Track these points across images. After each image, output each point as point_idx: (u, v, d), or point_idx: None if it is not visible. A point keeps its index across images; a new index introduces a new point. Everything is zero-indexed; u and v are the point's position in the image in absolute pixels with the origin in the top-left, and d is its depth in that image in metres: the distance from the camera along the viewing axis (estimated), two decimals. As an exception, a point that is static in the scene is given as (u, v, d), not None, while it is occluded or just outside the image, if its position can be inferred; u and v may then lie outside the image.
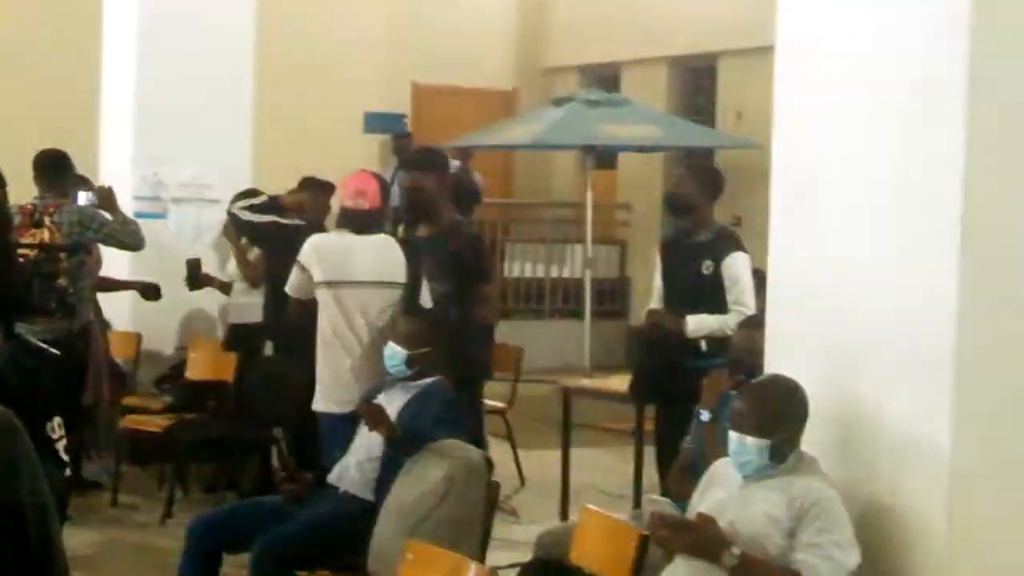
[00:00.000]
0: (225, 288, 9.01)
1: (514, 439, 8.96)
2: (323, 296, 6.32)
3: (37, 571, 1.62)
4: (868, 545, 4.25)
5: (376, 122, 15.42)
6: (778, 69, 4.88)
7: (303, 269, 6.37)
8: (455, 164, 11.76)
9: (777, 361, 4.76)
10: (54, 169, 7.89)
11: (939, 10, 4.22)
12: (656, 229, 14.38)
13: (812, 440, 4.44)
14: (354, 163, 11.29)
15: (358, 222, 6.39)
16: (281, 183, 8.80)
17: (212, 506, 7.33)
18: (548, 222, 15.55)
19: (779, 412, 4.35)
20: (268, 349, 8.27)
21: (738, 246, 6.89)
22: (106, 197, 8.06)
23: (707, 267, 6.79)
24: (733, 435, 4.39)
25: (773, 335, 4.89)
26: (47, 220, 7.54)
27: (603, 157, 14.72)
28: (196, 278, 8.90)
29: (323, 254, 6.37)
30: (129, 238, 8.06)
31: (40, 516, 1.63)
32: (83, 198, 8.19)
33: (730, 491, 4.43)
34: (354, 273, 6.30)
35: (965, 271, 4.13)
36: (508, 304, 14.30)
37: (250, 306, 8.58)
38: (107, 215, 8.03)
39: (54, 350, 7.36)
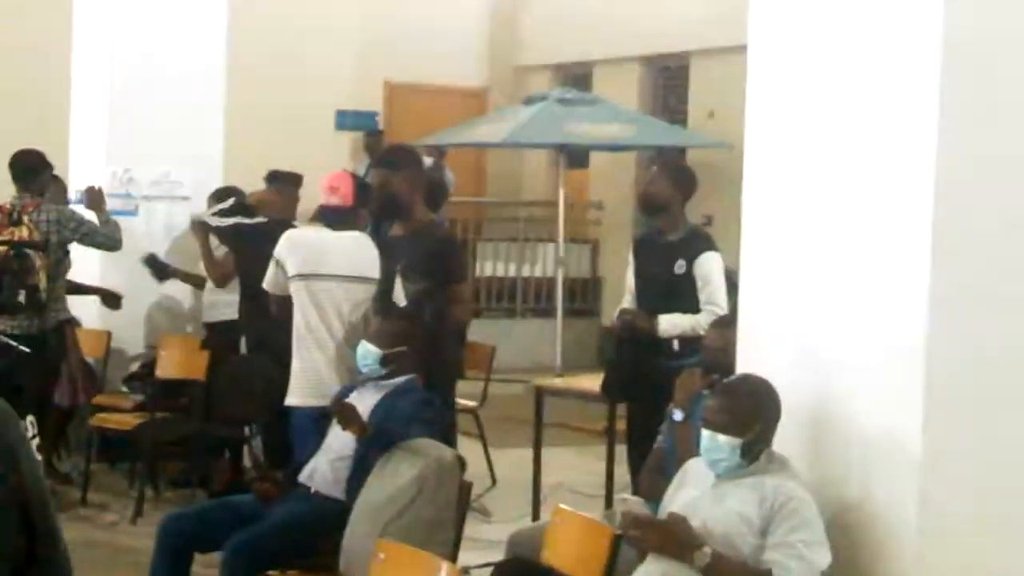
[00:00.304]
0: (190, 279, 8.99)
1: (485, 438, 8.95)
2: (297, 290, 6.30)
3: (42, 553, 1.62)
4: (839, 545, 4.26)
5: (348, 120, 15.40)
6: (750, 69, 4.89)
7: (278, 264, 6.35)
8: (428, 161, 11.76)
9: (749, 361, 4.77)
10: (31, 170, 7.97)
11: (912, 9, 4.23)
12: (628, 228, 14.39)
13: (784, 439, 4.45)
14: (326, 161, 11.30)
15: (331, 218, 6.38)
16: (252, 181, 8.80)
17: (183, 505, 7.31)
18: (520, 221, 15.55)
19: (751, 411, 4.37)
20: (244, 346, 8.25)
21: (711, 246, 6.90)
22: (95, 197, 8.20)
23: (680, 266, 6.79)
24: (705, 433, 4.40)
25: (745, 335, 4.90)
26: (26, 219, 7.57)
27: (575, 156, 14.73)
28: (162, 270, 8.88)
29: (297, 248, 6.36)
30: (106, 239, 8.14)
31: (42, 499, 1.63)
32: (75, 196, 8.30)
33: (702, 490, 4.44)
34: (328, 267, 6.29)
35: (937, 272, 4.15)
36: (480, 303, 14.29)
37: (223, 304, 8.56)
38: (85, 215, 8.10)
39: (24, 348, 7.34)
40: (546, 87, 15.35)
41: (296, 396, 6.33)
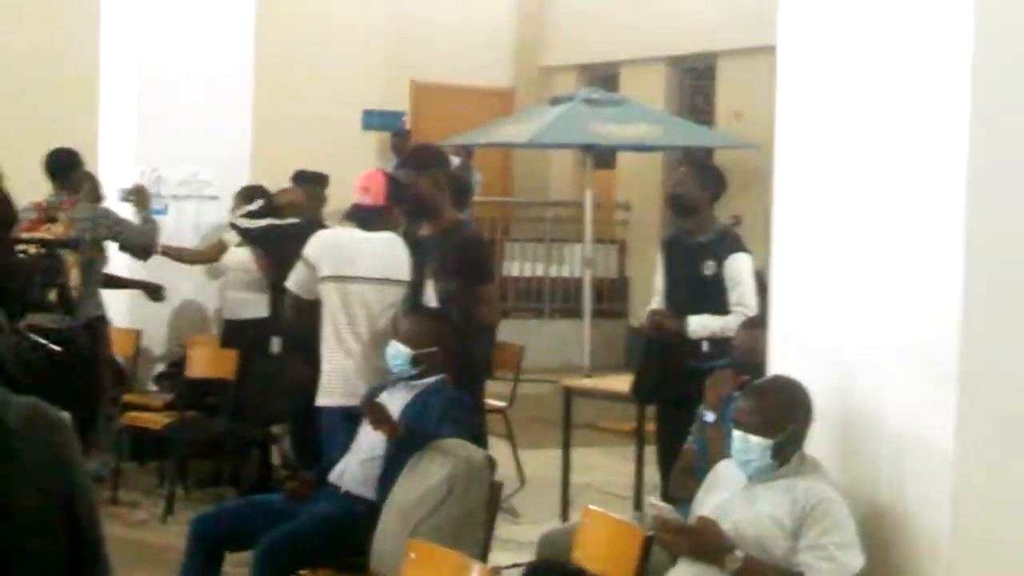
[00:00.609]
0: (178, 255, 8.94)
1: (514, 438, 8.95)
2: (327, 291, 6.31)
3: (87, 565, 1.63)
4: (871, 547, 4.24)
5: (375, 120, 15.41)
6: (780, 69, 4.87)
7: (309, 265, 6.35)
8: (456, 161, 11.76)
9: (780, 362, 4.75)
10: (66, 167, 8.07)
11: (943, 9, 4.21)
12: (655, 228, 14.38)
13: (815, 441, 4.43)
14: (352, 161, 11.31)
15: (362, 217, 6.40)
16: (280, 181, 8.83)
17: (212, 503, 7.32)
18: (547, 221, 15.55)
19: (783, 412, 4.35)
20: (276, 346, 8.26)
21: (740, 246, 6.88)
22: (140, 194, 8.31)
23: (709, 267, 6.77)
24: (736, 434, 4.38)
25: (776, 337, 4.88)
26: (62, 216, 7.64)
27: (602, 156, 14.72)
28: (145, 249, 8.84)
29: (329, 249, 6.36)
30: (142, 238, 8.20)
31: (90, 510, 1.64)
32: (120, 194, 8.40)
33: (733, 492, 4.43)
34: (359, 269, 6.29)
35: (969, 271, 4.13)
36: (507, 303, 14.29)
37: (246, 302, 8.58)
38: (120, 215, 8.21)
39: (55, 346, 7.37)
40: (572, 87, 15.33)
41: (326, 396, 6.34)
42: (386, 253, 6.35)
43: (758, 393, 4.48)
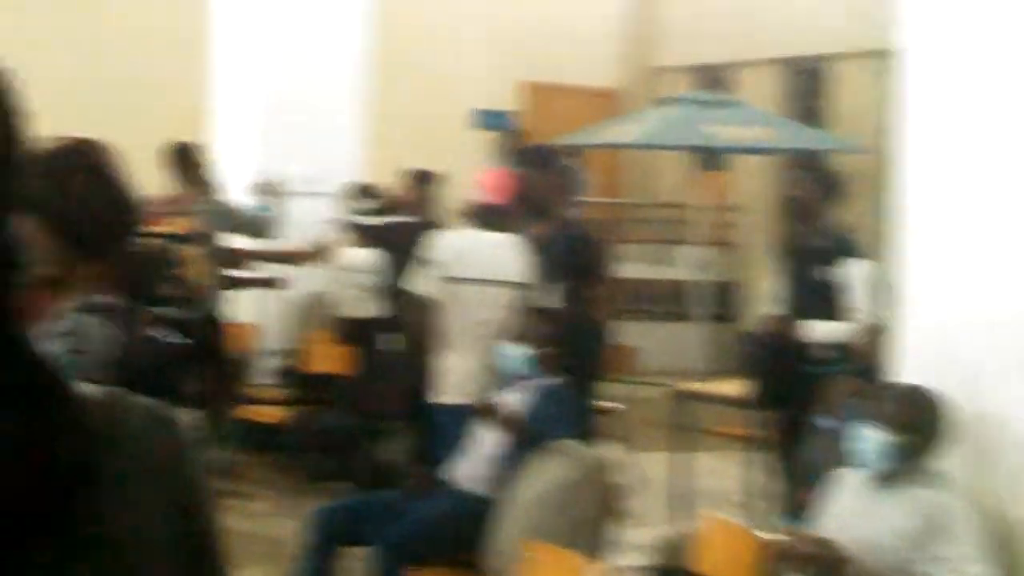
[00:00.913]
0: (295, 256, 9.01)
1: (625, 441, 8.92)
2: (447, 292, 6.36)
3: (202, 560, 1.63)
4: (1004, 561, 4.17)
5: (485, 119, 15.46)
6: (906, 73, 4.81)
7: (430, 265, 6.40)
8: (565, 162, 11.76)
9: (905, 372, 4.69)
10: (185, 161, 8.23)
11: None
12: (765, 231, 14.27)
13: (942, 453, 4.37)
14: (462, 160, 11.37)
15: (485, 217, 6.44)
16: (392, 179, 8.91)
17: (327, 498, 7.39)
18: (656, 223, 15.49)
19: (913, 418, 4.29)
20: (392, 344, 8.32)
21: (857, 252, 6.81)
22: (269, 190, 8.44)
23: (825, 272, 6.72)
24: (862, 424, 4.33)
25: (902, 346, 4.82)
26: (185, 209, 7.78)
27: (712, 158, 14.64)
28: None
29: (450, 251, 6.41)
30: (256, 229, 8.33)
31: (208, 517, 1.63)
32: (252, 189, 8.61)
33: (855, 501, 4.39)
34: (478, 270, 6.33)
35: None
36: (617, 305, 14.24)
37: (362, 300, 8.64)
38: (239, 208, 8.37)
39: (175, 338, 7.49)
40: (682, 89, 15.25)
41: (442, 394, 6.38)
42: (505, 255, 6.38)
43: (899, 393, 4.44)
